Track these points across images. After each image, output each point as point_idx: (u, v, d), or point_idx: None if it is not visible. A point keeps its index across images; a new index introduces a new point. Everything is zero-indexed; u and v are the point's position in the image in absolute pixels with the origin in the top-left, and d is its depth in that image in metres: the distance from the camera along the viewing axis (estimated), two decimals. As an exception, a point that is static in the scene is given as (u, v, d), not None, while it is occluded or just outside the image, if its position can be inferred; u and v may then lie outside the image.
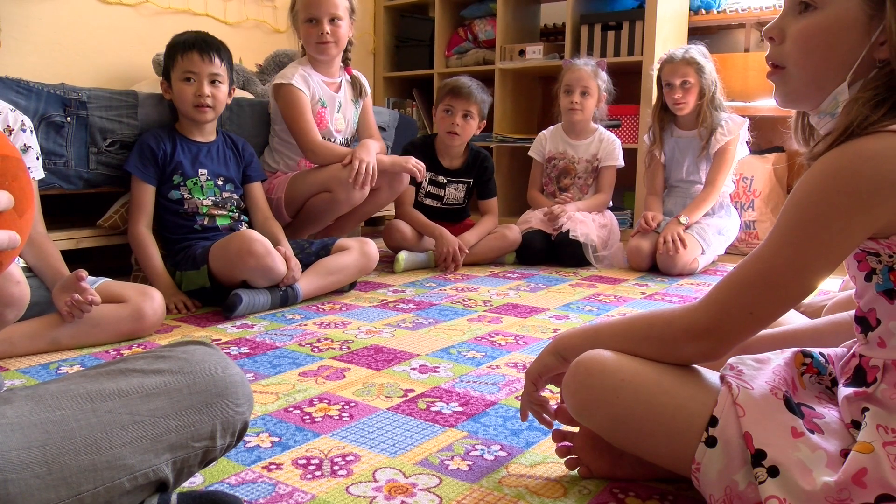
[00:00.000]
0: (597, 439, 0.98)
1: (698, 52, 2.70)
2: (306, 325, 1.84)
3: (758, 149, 3.09)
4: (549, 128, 3.08)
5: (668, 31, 3.24)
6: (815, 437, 0.78)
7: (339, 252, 2.20)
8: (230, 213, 2.18)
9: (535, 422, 1.17)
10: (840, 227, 0.76)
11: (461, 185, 2.87)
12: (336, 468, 1.02)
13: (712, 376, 0.88)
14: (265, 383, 1.39)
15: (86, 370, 0.80)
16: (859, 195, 0.75)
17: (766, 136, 3.13)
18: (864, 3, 0.79)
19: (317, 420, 1.20)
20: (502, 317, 1.95)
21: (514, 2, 3.71)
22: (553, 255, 2.80)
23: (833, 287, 2.08)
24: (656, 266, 2.67)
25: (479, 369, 1.49)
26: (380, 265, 2.52)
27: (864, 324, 0.82)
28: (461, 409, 1.26)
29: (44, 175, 1.81)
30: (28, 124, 1.70)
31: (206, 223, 2.12)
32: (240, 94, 2.60)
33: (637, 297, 2.23)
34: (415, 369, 1.48)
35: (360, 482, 0.98)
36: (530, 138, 3.21)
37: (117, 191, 2.22)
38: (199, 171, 2.13)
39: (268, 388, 1.36)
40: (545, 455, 1.08)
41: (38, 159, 1.73)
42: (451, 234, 2.67)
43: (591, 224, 2.80)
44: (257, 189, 2.28)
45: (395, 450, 1.09)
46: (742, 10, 3.28)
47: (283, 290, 2.00)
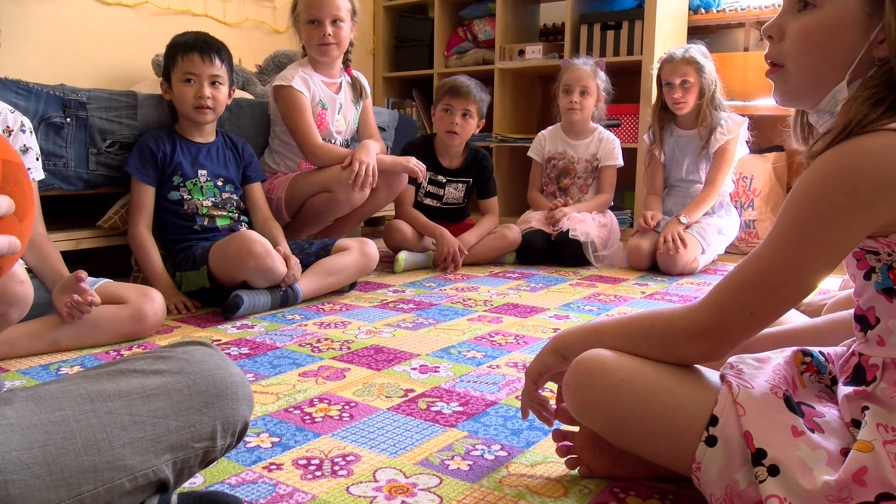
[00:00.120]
0: (597, 439, 0.98)
1: (698, 51, 2.70)
2: (306, 325, 1.84)
3: (757, 148, 3.09)
4: (548, 128, 3.08)
5: (667, 31, 3.24)
6: (815, 436, 0.78)
7: (339, 252, 2.20)
8: (230, 214, 2.18)
9: (536, 421, 1.18)
10: (840, 226, 0.76)
11: (460, 185, 2.87)
12: (336, 468, 1.02)
13: (712, 375, 0.88)
14: (265, 384, 1.39)
15: (86, 371, 0.80)
16: (858, 194, 0.75)
17: (765, 136, 3.13)
18: (864, 2, 0.79)
19: (317, 420, 1.20)
20: (502, 317, 1.95)
21: (514, 2, 3.71)
22: (553, 254, 2.80)
23: (833, 286, 2.08)
24: (656, 265, 2.67)
25: (479, 369, 1.49)
26: (380, 265, 2.52)
27: (864, 322, 0.82)
28: (461, 408, 1.27)
29: (43, 176, 1.81)
30: (27, 125, 1.70)
31: (205, 224, 2.12)
32: (239, 94, 2.60)
33: (637, 297, 2.23)
34: (415, 369, 1.48)
35: (361, 482, 0.98)
36: (530, 138, 3.21)
37: (117, 192, 2.22)
38: (199, 171, 2.13)
39: (268, 389, 1.36)
40: (545, 455, 1.08)
41: (37, 160, 1.73)
42: (451, 234, 2.67)
43: (591, 223, 2.80)
44: (257, 190, 2.28)
45: (396, 450, 1.09)
46: (741, 10, 3.29)
47: (284, 290, 2.00)
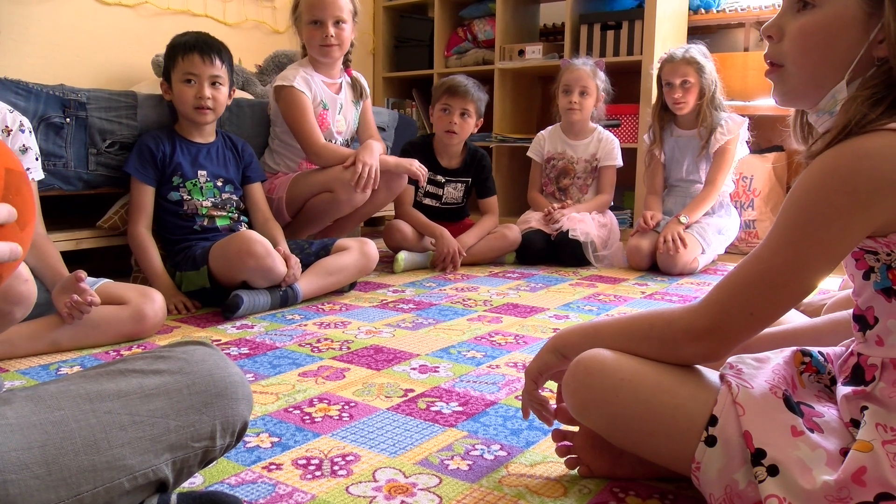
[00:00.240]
0: (597, 438, 0.98)
1: (698, 51, 2.70)
2: (306, 325, 1.84)
3: (757, 148, 3.09)
4: (548, 128, 3.08)
5: (667, 31, 3.24)
6: (814, 436, 0.78)
7: (339, 252, 2.20)
8: (230, 214, 2.18)
9: (535, 421, 1.18)
10: (839, 226, 0.76)
11: (459, 185, 2.87)
12: (336, 468, 1.02)
13: (712, 375, 0.88)
14: (265, 383, 1.39)
15: (85, 371, 0.80)
16: (858, 194, 0.75)
17: (765, 136, 3.13)
18: (863, 2, 0.79)
19: (317, 420, 1.20)
20: (502, 316, 1.95)
21: (514, 2, 3.71)
22: (553, 254, 2.80)
23: (833, 286, 2.08)
24: (656, 265, 2.67)
25: (478, 369, 1.49)
26: (379, 265, 2.52)
27: (862, 322, 0.82)
28: (461, 408, 1.27)
29: (43, 176, 1.80)
30: (26, 125, 1.69)
31: (205, 224, 2.12)
32: (239, 94, 2.60)
33: (637, 297, 2.23)
34: (415, 369, 1.48)
35: (360, 482, 0.98)
36: (530, 138, 3.21)
37: (117, 192, 2.22)
38: (199, 172, 2.13)
39: (268, 389, 1.36)
40: (545, 454, 1.08)
41: (37, 160, 1.73)
42: (451, 234, 2.67)
43: (591, 223, 2.80)
44: (257, 190, 2.28)
45: (395, 450, 1.09)
46: (741, 10, 3.29)
47: (283, 290, 2.00)
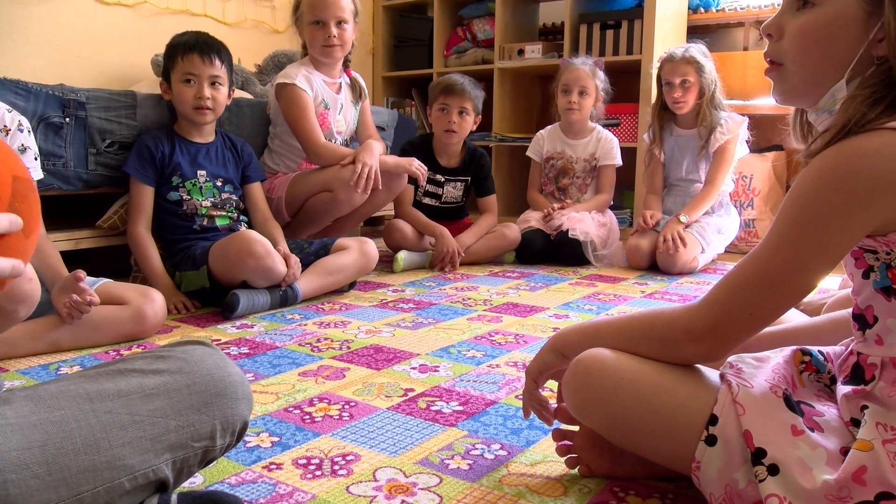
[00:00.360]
0: (597, 438, 0.98)
1: (698, 50, 2.70)
2: (306, 325, 1.84)
3: (757, 147, 3.09)
4: (547, 127, 3.08)
5: (666, 30, 3.24)
6: (814, 435, 0.78)
7: (339, 252, 2.20)
8: (229, 214, 2.18)
9: (535, 420, 1.18)
10: (839, 225, 0.76)
11: (459, 184, 2.87)
12: (336, 468, 1.02)
13: (712, 375, 0.88)
14: (265, 383, 1.39)
15: (85, 370, 0.80)
16: (857, 193, 0.75)
17: (765, 135, 3.13)
18: (863, 1, 0.79)
19: (317, 420, 1.20)
20: (502, 316, 1.95)
21: (513, 1, 3.71)
22: (553, 254, 2.80)
23: (832, 285, 2.08)
24: (656, 265, 2.67)
25: (478, 368, 1.49)
26: (379, 265, 2.52)
27: (862, 321, 0.82)
28: (461, 408, 1.27)
29: (42, 176, 1.80)
30: (25, 124, 1.69)
31: (205, 224, 2.12)
32: (239, 94, 2.60)
33: (637, 296, 2.23)
34: (415, 369, 1.48)
35: (361, 482, 0.98)
36: (529, 137, 3.21)
37: (116, 192, 2.22)
38: (198, 172, 2.13)
39: (268, 388, 1.36)
40: (545, 454, 1.08)
41: (36, 160, 1.73)
42: (450, 234, 2.67)
43: (591, 223, 2.80)
44: (256, 189, 2.28)
45: (396, 449, 1.09)
46: (741, 9, 3.29)
47: (283, 290, 2.00)
